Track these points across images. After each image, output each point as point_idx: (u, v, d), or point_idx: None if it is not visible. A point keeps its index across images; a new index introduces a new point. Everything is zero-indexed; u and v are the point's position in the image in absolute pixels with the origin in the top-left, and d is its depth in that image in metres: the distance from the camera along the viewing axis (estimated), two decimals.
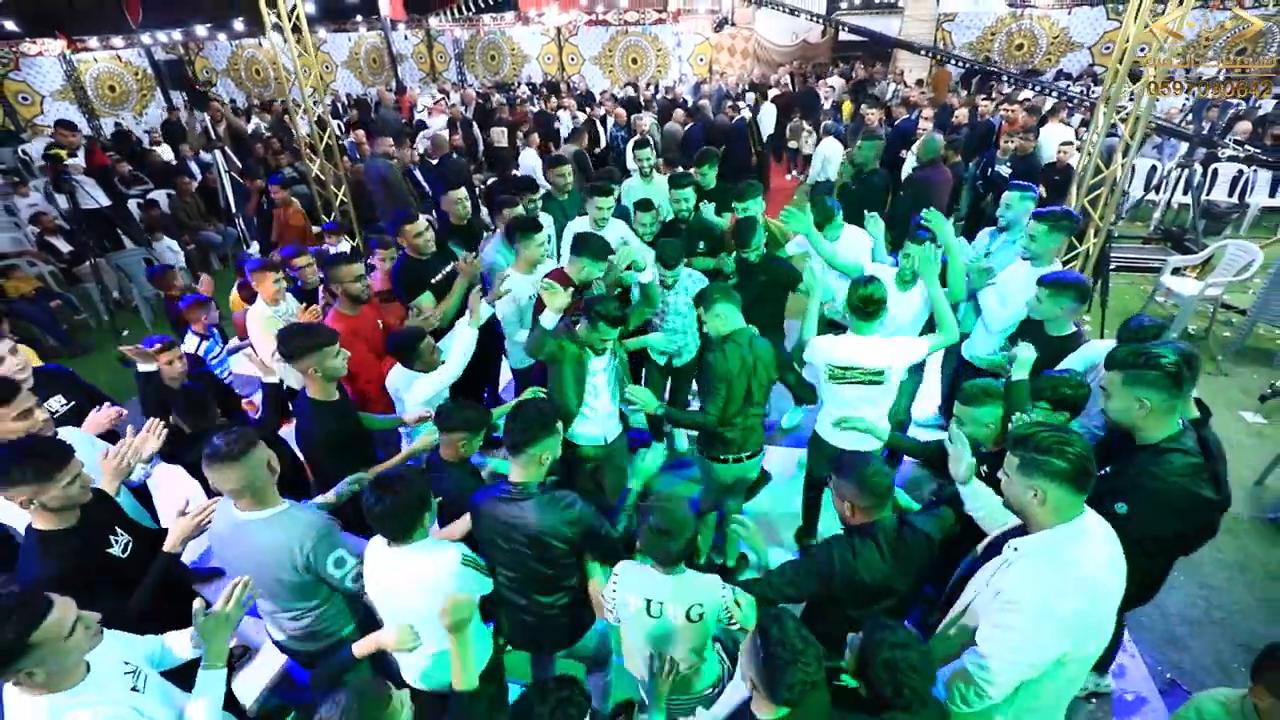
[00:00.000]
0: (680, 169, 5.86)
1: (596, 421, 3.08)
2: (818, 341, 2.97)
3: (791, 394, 3.66)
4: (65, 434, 2.50)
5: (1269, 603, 3.24)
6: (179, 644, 1.87)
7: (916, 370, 3.72)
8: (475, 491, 2.25)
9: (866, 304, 2.78)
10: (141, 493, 2.86)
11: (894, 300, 3.14)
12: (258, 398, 3.40)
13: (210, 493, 2.57)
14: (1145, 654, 2.98)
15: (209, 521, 2.09)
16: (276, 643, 2.29)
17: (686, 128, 8.77)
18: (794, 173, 10.72)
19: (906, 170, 6.65)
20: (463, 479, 2.43)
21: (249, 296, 4.11)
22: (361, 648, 2.00)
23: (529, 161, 7.89)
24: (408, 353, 2.97)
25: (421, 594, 1.92)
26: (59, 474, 1.88)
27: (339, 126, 10.27)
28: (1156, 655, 2.99)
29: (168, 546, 2.10)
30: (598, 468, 3.24)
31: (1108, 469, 2.05)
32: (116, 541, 2.12)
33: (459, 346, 3.06)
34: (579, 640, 2.41)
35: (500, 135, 9.14)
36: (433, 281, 3.73)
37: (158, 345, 3.10)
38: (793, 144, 10.50)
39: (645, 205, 3.99)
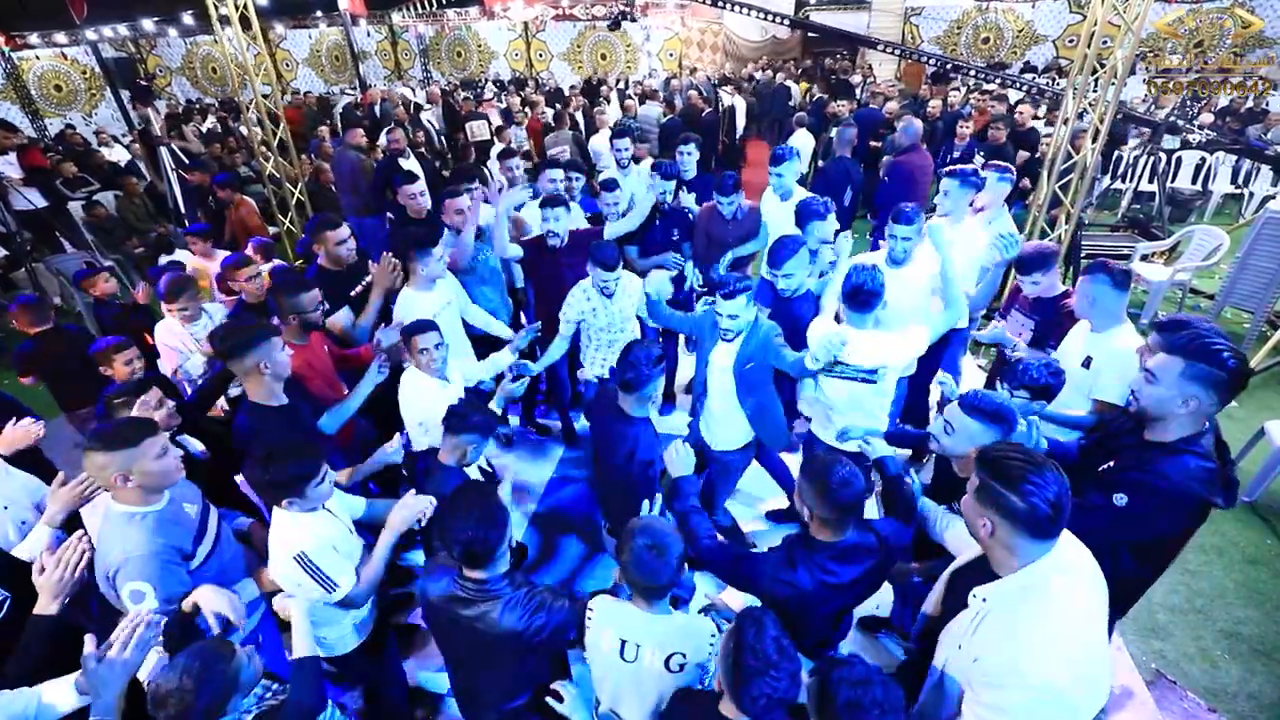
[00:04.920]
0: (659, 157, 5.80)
1: None
2: (816, 326, 2.78)
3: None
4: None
5: (1247, 586, 3.22)
6: (58, 695, 1.59)
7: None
8: (424, 578, 1.93)
9: (857, 294, 2.57)
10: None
11: (890, 282, 2.93)
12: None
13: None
14: (1129, 644, 2.92)
15: (75, 574, 1.80)
16: None
17: (665, 119, 8.74)
18: None
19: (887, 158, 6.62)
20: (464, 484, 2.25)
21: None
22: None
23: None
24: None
25: (272, 554, 1.99)
26: None
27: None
28: (1140, 645, 2.93)
29: (39, 608, 1.76)
30: None
31: (1111, 464, 1.91)
32: None
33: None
34: None
35: (481, 128, 8.95)
36: (351, 295, 3.44)
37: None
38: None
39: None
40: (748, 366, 2.78)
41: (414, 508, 2.11)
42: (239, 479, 3.09)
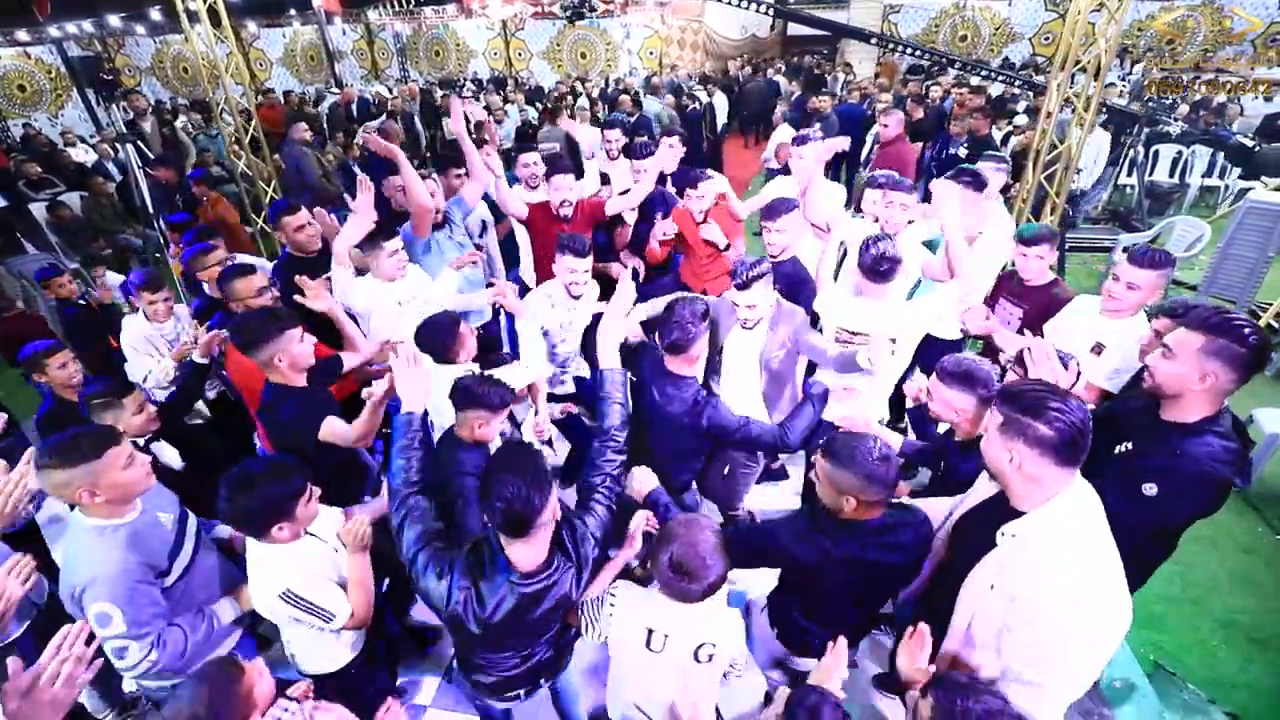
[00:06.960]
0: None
1: None
2: (828, 294, 2.70)
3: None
4: None
5: (1241, 575, 3.21)
6: None
7: None
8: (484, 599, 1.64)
9: (878, 263, 2.48)
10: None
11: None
12: None
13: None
14: (1126, 635, 2.88)
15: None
16: None
17: (634, 117, 8.65)
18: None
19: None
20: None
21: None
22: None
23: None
24: (447, 343, 2.44)
25: (253, 592, 1.86)
26: None
27: None
28: (1138, 636, 2.90)
29: None
30: None
31: (1128, 445, 1.89)
32: None
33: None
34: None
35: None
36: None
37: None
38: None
39: None
40: (777, 354, 2.61)
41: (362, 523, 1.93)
42: None
